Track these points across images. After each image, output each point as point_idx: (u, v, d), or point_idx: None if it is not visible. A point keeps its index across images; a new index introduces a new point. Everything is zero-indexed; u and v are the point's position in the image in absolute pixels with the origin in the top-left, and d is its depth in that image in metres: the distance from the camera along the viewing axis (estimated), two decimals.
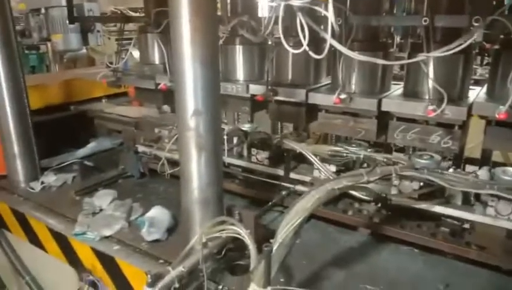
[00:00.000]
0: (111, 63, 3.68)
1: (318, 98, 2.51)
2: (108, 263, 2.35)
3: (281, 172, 2.77)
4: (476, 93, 2.33)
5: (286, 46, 1.93)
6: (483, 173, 2.20)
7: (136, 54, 4.09)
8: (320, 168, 2.55)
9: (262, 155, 2.84)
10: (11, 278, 3.19)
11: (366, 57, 2.04)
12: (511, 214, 2.08)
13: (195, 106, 1.92)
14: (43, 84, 4.21)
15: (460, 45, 1.92)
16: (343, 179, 1.97)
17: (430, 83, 2.14)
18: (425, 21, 2.04)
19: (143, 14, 3.61)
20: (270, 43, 2.69)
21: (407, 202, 2.26)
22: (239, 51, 2.92)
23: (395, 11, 2.99)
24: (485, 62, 6.47)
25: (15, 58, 3.03)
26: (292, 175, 2.74)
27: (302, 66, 2.72)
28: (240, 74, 2.95)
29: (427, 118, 2.18)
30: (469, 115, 2.14)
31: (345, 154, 2.53)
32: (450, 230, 2.24)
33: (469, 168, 2.40)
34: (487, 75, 6.06)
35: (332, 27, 1.73)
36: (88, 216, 2.67)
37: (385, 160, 2.39)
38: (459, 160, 2.49)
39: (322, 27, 2.12)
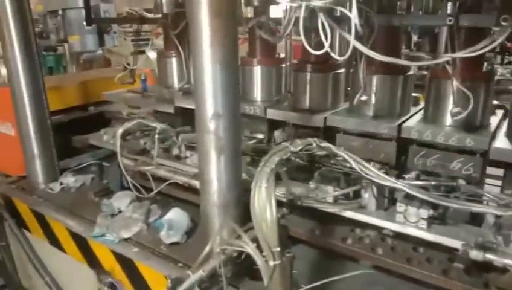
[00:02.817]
0: (128, 64, 3.71)
1: (336, 121, 2.51)
2: (128, 265, 2.35)
3: None
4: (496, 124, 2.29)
5: (307, 47, 1.89)
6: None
7: (151, 55, 4.11)
8: None
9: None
10: (30, 278, 3.22)
11: (390, 58, 1.99)
12: (419, 221, 1.98)
13: (214, 108, 1.90)
14: (61, 86, 4.25)
15: (487, 46, 1.87)
16: (274, 156, 1.86)
17: (455, 85, 2.09)
18: (450, 20, 1.99)
19: (159, 15, 3.62)
20: (288, 44, 2.68)
21: (319, 205, 2.22)
22: (257, 72, 2.96)
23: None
24: (505, 61, 6.33)
25: (35, 60, 3.06)
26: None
27: (321, 91, 2.75)
28: (258, 94, 3.00)
29: (447, 145, 2.15)
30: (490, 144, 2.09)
31: None
32: (464, 266, 1.96)
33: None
34: (508, 75, 5.83)
35: (356, 29, 1.69)
36: (107, 218, 2.68)
37: None
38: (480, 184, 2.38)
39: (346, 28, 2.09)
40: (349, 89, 2.74)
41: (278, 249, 1.67)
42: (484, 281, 1.88)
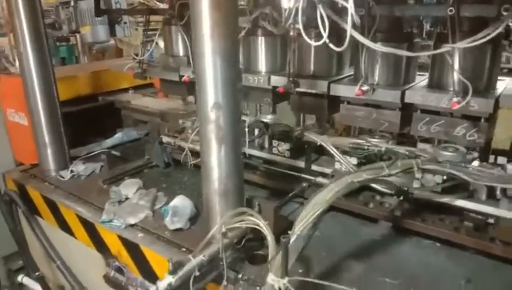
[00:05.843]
0: (137, 54, 3.75)
1: (340, 90, 2.50)
2: (133, 250, 2.43)
3: (301, 164, 2.79)
4: (505, 85, 2.27)
5: (306, 38, 1.92)
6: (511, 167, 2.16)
7: (162, 44, 4.15)
8: (341, 160, 2.54)
9: (283, 147, 2.86)
10: (43, 262, 3.35)
11: (389, 48, 2.01)
12: None
13: (215, 99, 1.95)
14: (73, 76, 4.34)
15: (488, 35, 1.87)
16: (363, 172, 1.99)
17: (455, 75, 2.10)
18: (450, 11, 1.99)
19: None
20: (291, 34, 2.68)
21: (429, 195, 2.25)
22: (261, 42, 2.92)
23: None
24: None
25: (45, 51, 3.13)
26: (313, 167, 2.76)
27: (325, 58, 2.70)
28: (262, 65, 2.95)
29: (451, 110, 2.15)
30: (496, 107, 2.09)
31: (366, 147, 2.51)
32: (473, 225, 2.20)
33: (500, 160, 2.35)
34: None
35: (352, 18, 1.71)
36: (114, 204, 2.76)
37: (407, 153, 2.36)
38: (486, 153, 2.44)
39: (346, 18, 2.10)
40: None
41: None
42: (490, 237, 2.13)
